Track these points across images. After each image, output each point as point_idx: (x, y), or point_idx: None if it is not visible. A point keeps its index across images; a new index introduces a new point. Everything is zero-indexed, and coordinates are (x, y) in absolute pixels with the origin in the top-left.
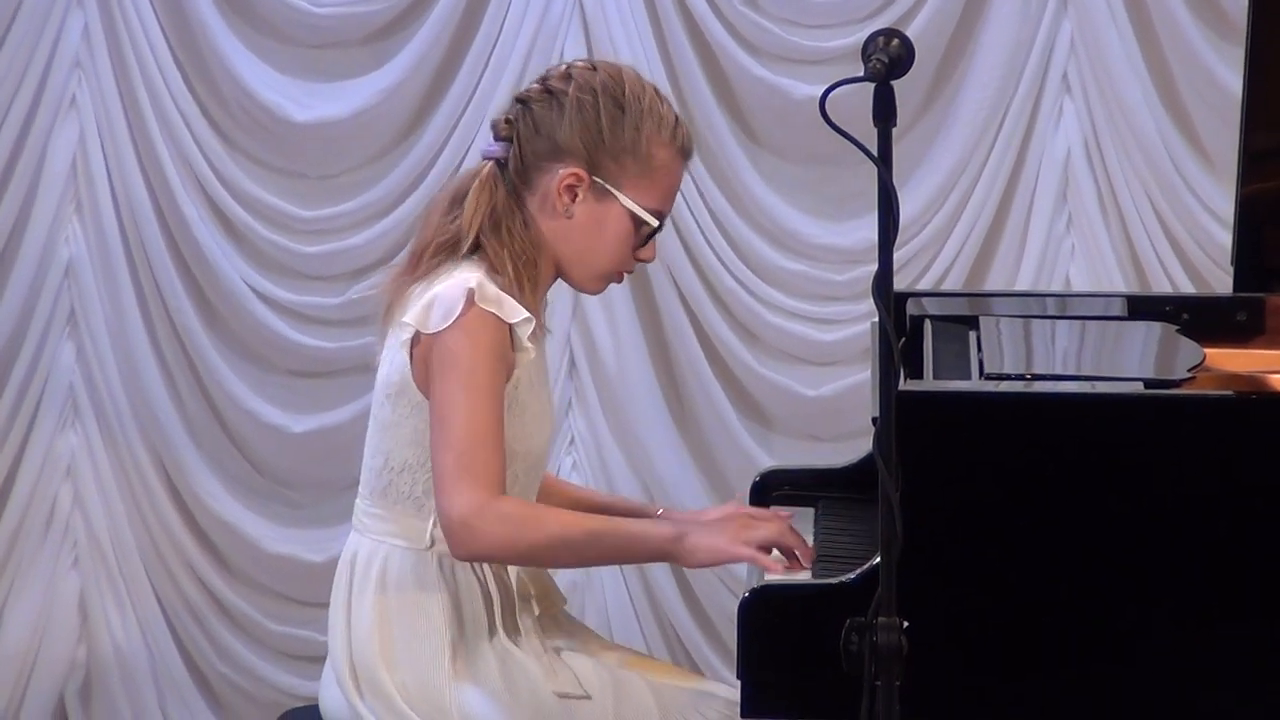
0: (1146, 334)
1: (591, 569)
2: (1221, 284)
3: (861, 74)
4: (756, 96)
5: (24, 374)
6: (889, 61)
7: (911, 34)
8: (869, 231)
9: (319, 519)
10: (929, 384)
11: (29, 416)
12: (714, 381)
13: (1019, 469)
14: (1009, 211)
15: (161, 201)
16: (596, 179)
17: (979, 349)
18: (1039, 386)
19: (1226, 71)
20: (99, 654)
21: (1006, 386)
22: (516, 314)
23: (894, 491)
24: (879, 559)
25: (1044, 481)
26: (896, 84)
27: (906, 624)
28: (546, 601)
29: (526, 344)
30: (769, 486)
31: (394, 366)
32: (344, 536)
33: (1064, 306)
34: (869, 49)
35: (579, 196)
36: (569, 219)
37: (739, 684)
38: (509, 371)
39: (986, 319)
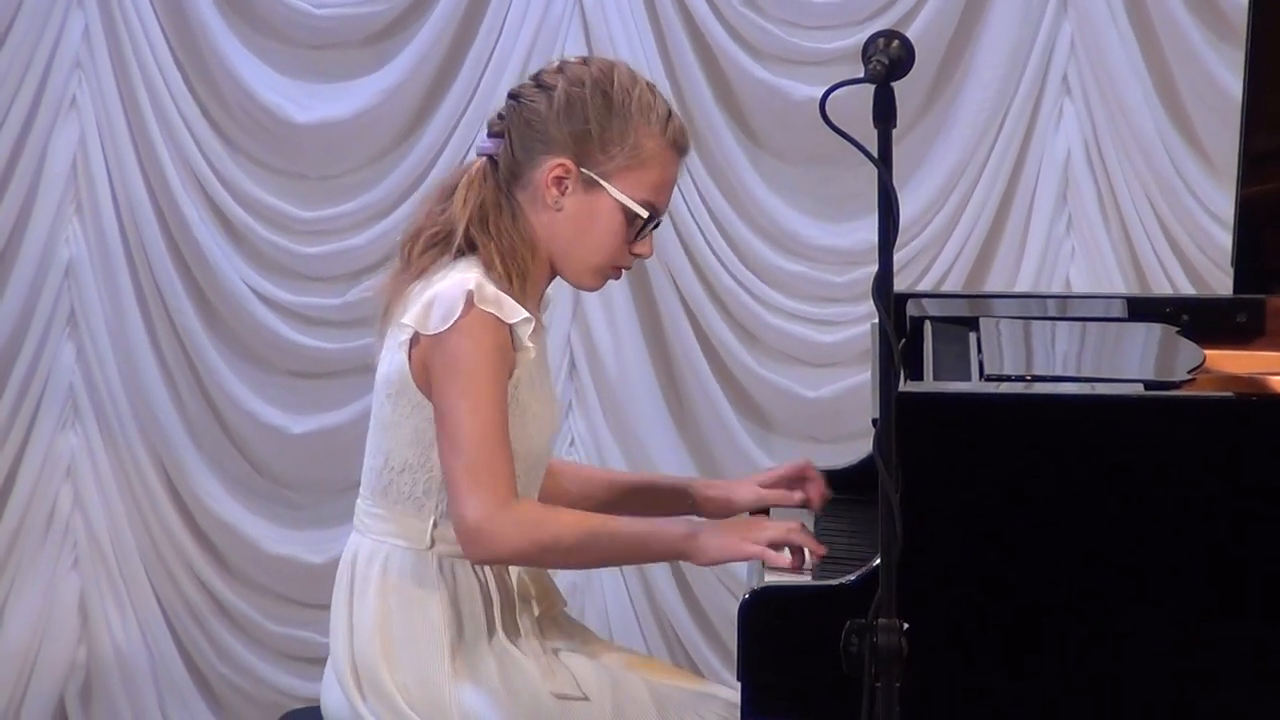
0: (1146, 335)
1: (591, 569)
2: (1222, 285)
3: (861, 75)
4: (756, 98)
5: (24, 374)
6: (889, 63)
7: (911, 35)
8: (869, 233)
9: (319, 520)
10: (929, 385)
11: (29, 417)
12: (714, 382)
13: (1019, 470)
14: (1009, 213)
15: (162, 202)
16: (584, 170)
17: (979, 350)
18: (1039, 388)
19: (1226, 73)
20: (99, 655)
21: (1007, 388)
22: (516, 314)
23: (894, 493)
24: (879, 560)
25: (1044, 483)
26: (896, 85)
27: (906, 625)
28: (546, 602)
29: (527, 343)
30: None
31: (393, 366)
32: (344, 537)
33: (1064, 308)
34: (869, 50)
35: (568, 189)
36: (559, 211)
37: (739, 685)
38: (510, 372)
39: (986, 320)
